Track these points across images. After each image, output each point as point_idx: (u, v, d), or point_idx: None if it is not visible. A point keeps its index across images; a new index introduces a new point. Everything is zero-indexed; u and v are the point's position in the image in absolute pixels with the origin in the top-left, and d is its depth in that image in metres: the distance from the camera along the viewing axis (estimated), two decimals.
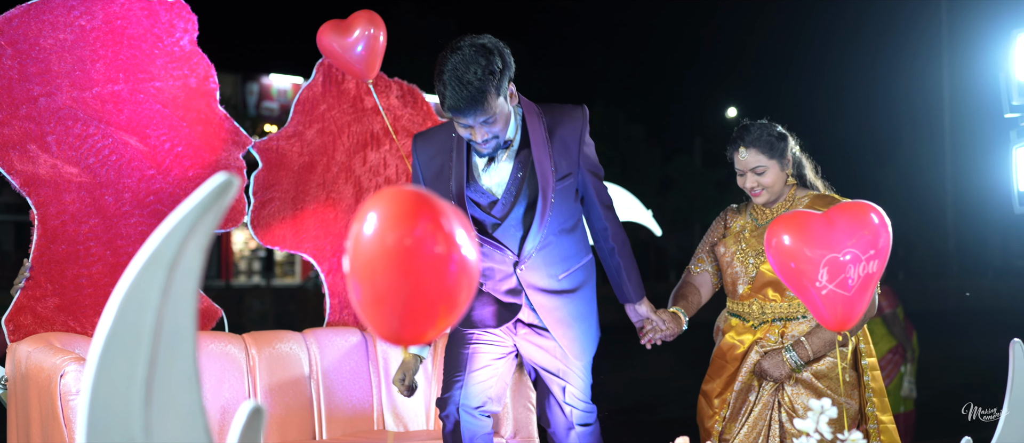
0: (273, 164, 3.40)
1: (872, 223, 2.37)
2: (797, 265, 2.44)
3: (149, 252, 1.06)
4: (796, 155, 3.20)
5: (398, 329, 1.61)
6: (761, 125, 3.14)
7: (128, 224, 3.10)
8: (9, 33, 2.94)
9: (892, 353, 6.18)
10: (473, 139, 2.69)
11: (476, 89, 2.62)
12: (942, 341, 13.32)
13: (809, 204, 3.12)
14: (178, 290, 1.08)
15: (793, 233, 2.44)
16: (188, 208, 1.06)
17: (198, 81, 3.25)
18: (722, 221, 3.32)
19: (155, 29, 3.17)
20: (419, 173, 2.88)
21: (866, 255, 2.32)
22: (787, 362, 2.97)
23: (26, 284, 2.95)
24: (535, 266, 2.85)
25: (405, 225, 1.43)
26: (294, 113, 3.49)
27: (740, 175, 3.13)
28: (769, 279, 3.06)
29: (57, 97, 3.00)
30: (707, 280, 3.26)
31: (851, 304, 2.37)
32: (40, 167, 2.97)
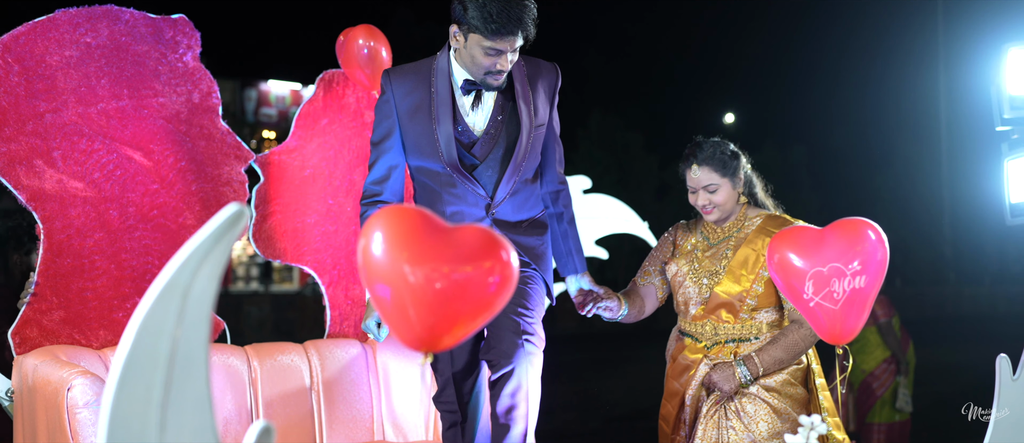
0: (274, 178, 3.45)
1: (865, 240, 2.41)
2: (788, 278, 2.53)
3: (165, 281, 1.11)
4: (748, 173, 3.21)
5: (423, 342, 1.73)
6: (714, 143, 3.15)
7: (132, 238, 3.15)
8: (16, 50, 2.99)
9: (887, 363, 6.21)
10: (497, 68, 2.76)
11: (530, 6, 2.76)
12: (939, 348, 13.37)
13: (761, 224, 3.13)
14: (192, 317, 1.13)
15: (786, 246, 2.52)
16: (201, 238, 1.11)
17: (201, 97, 3.30)
18: (671, 238, 3.31)
19: (159, 46, 3.22)
20: (393, 107, 2.88)
21: (851, 270, 2.36)
22: (737, 376, 2.99)
23: (32, 297, 2.99)
24: (505, 211, 2.91)
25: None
26: (295, 127, 3.55)
27: (692, 192, 3.14)
28: (723, 300, 3.07)
29: (63, 113, 3.05)
30: (652, 292, 3.26)
31: (839, 318, 2.42)
32: (46, 182, 3.02)
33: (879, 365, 6.24)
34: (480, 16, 2.69)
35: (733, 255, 3.09)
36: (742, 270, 3.07)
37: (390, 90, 2.88)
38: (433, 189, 2.91)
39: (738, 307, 3.05)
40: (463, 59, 2.83)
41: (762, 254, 3.05)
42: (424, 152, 2.87)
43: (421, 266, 1.73)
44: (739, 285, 3.06)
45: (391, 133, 2.90)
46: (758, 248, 3.08)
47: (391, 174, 2.93)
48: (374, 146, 2.94)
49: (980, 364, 4.43)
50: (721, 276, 3.08)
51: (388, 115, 2.89)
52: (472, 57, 2.78)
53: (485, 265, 1.79)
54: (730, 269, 3.08)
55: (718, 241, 3.15)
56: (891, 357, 6.21)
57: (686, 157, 3.17)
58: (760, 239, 3.10)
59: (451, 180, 2.87)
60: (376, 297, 1.80)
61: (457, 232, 1.82)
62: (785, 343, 3.01)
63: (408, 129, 2.89)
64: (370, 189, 2.94)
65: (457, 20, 2.79)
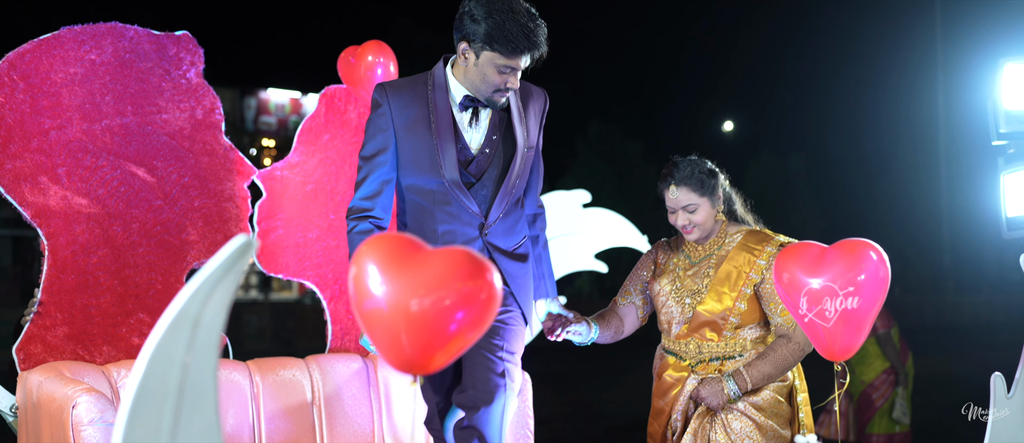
0: (277, 193, 3.48)
1: (863, 261, 2.43)
2: (787, 291, 2.57)
3: (175, 311, 1.13)
4: (726, 191, 3.19)
5: (412, 364, 1.75)
6: (691, 161, 3.12)
7: (136, 254, 3.17)
8: (22, 68, 3.02)
9: (886, 374, 6.23)
10: (507, 86, 2.77)
11: (543, 25, 2.78)
12: (939, 357, 13.39)
13: (742, 240, 3.11)
14: (202, 346, 1.15)
15: (789, 261, 2.56)
16: (211, 269, 1.14)
17: (204, 113, 3.33)
18: (652, 257, 3.30)
19: (163, 62, 3.25)
20: (389, 120, 2.83)
21: (844, 290, 2.39)
22: (726, 391, 2.98)
23: (36, 314, 3.02)
24: (497, 232, 2.89)
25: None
26: (297, 143, 3.58)
27: (671, 213, 3.12)
28: (706, 319, 3.05)
29: (68, 130, 3.08)
30: (632, 312, 3.25)
31: (831, 335, 2.45)
32: (51, 199, 3.04)
33: (878, 376, 6.26)
34: (500, 33, 2.69)
35: (715, 273, 3.08)
36: (724, 288, 3.05)
37: (386, 103, 2.83)
38: (425, 207, 2.86)
39: (721, 325, 3.04)
40: (469, 76, 2.81)
41: (744, 271, 3.04)
42: (421, 168, 2.83)
43: (405, 290, 1.76)
44: (721, 303, 3.04)
45: (386, 148, 2.84)
46: (739, 265, 3.06)
47: (383, 190, 2.87)
48: (365, 160, 2.87)
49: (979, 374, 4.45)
50: (703, 295, 3.06)
51: (383, 129, 2.84)
52: (483, 74, 2.77)
53: (469, 286, 1.81)
54: (712, 287, 3.06)
55: (699, 259, 3.14)
56: (890, 368, 6.23)
57: (664, 177, 3.15)
58: (741, 255, 3.08)
59: (446, 198, 2.83)
60: (365, 322, 1.82)
61: (440, 255, 1.83)
62: (773, 358, 3.00)
63: (405, 144, 2.84)
64: (360, 204, 2.87)
65: (467, 37, 2.76)
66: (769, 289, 3.02)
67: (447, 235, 2.84)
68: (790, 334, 3.00)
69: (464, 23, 2.76)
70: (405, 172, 2.86)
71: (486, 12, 2.71)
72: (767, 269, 3.03)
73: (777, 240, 3.09)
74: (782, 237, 3.11)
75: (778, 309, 3.02)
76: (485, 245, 2.87)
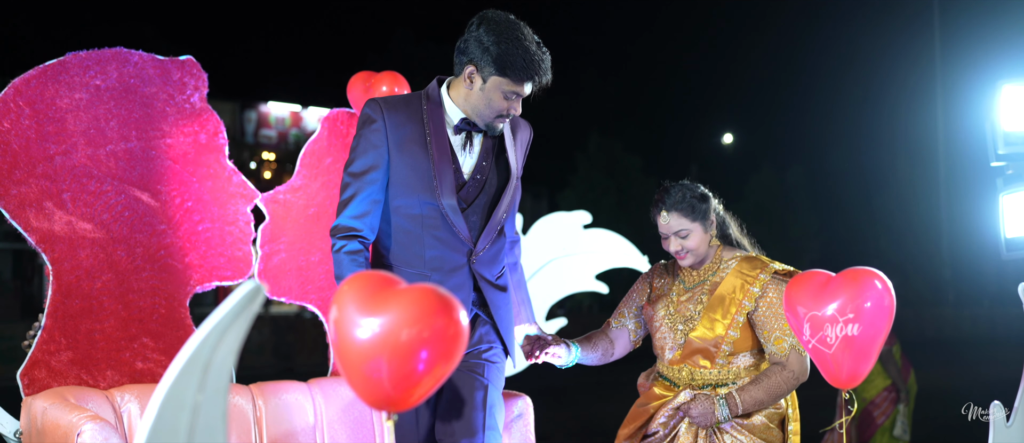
0: (279, 217, 3.50)
1: (867, 289, 2.46)
2: (793, 317, 2.61)
3: (186, 356, 1.15)
4: (720, 214, 3.18)
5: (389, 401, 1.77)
6: (682, 186, 3.11)
7: (140, 279, 3.19)
8: (27, 94, 3.04)
9: (887, 391, 6.24)
10: (509, 111, 2.77)
11: (548, 55, 2.79)
12: (939, 371, 13.38)
13: (737, 266, 3.09)
14: (211, 388, 1.17)
15: (796, 287, 2.60)
16: (221, 315, 1.16)
17: (208, 137, 3.35)
18: (648, 281, 3.29)
19: (167, 87, 3.28)
20: (384, 137, 2.75)
21: (844, 317, 2.41)
22: (716, 413, 2.97)
23: (40, 338, 3.03)
24: (484, 260, 2.86)
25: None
26: (300, 166, 3.60)
27: (664, 239, 3.11)
28: (698, 346, 3.04)
29: (73, 155, 3.10)
30: (624, 336, 3.24)
31: (836, 362, 2.47)
32: (56, 224, 3.06)
33: (879, 393, 6.27)
34: (511, 60, 2.69)
35: (707, 299, 3.06)
36: (717, 314, 3.03)
37: (382, 119, 2.76)
38: (412, 232, 2.79)
39: (714, 353, 3.03)
40: (471, 99, 2.78)
41: (736, 297, 3.02)
42: (414, 189, 2.76)
43: (376, 331, 1.77)
44: (714, 330, 3.02)
45: (378, 165, 2.77)
46: (732, 291, 3.04)
47: (372, 210, 2.78)
48: (355, 177, 2.78)
49: (980, 389, 4.46)
50: (696, 322, 3.04)
51: (377, 145, 2.76)
52: (489, 99, 2.75)
53: (438, 323, 1.81)
54: (704, 314, 3.04)
55: (693, 285, 3.11)
56: (891, 385, 6.24)
57: (655, 203, 3.13)
58: (734, 281, 3.06)
59: (437, 223, 2.78)
60: (338, 359, 1.83)
61: (409, 292, 1.83)
62: (767, 385, 2.99)
63: (399, 163, 2.77)
64: (349, 224, 2.77)
65: (474, 60, 2.74)
66: (762, 316, 3.01)
67: (435, 261, 2.79)
68: (784, 362, 2.99)
69: (472, 47, 2.75)
70: (395, 193, 2.79)
71: (496, 38, 2.71)
72: (760, 297, 3.01)
73: (771, 267, 3.08)
74: (776, 264, 3.10)
75: (772, 336, 3.00)
76: (471, 273, 2.83)
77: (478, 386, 2.79)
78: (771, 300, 3.01)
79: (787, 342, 2.98)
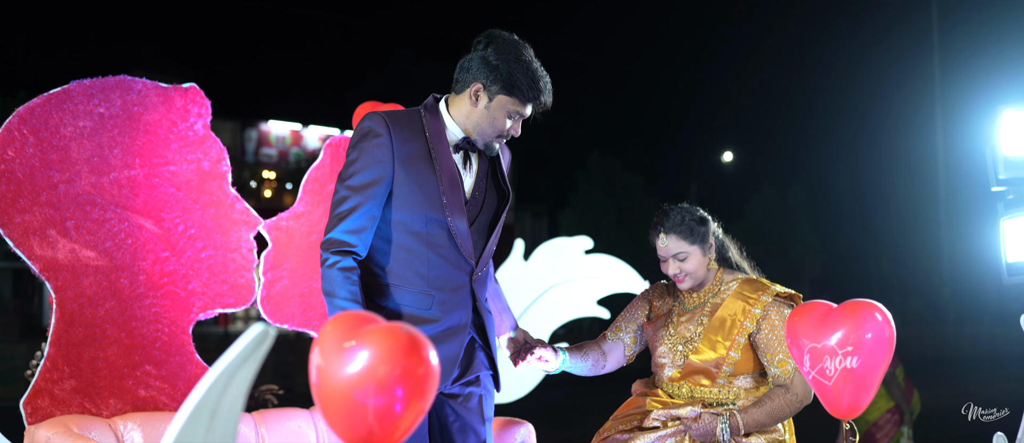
0: (282, 243, 3.50)
1: (866, 321, 2.46)
2: (794, 349, 2.61)
3: (194, 403, 1.16)
4: (719, 238, 3.19)
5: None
6: (681, 209, 3.12)
7: (143, 306, 3.19)
8: (32, 122, 3.05)
9: (891, 413, 6.24)
10: (510, 132, 2.78)
11: (549, 78, 2.79)
12: (941, 391, 13.33)
13: (738, 289, 3.10)
14: (220, 432, 1.18)
15: (797, 318, 2.60)
16: (228, 359, 1.16)
17: (211, 164, 3.36)
18: (647, 300, 3.29)
19: (170, 114, 3.29)
20: (390, 151, 2.67)
21: (843, 349, 2.42)
22: (718, 433, 2.96)
23: (43, 367, 3.03)
24: (480, 281, 2.85)
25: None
26: (303, 192, 3.60)
27: (663, 261, 3.12)
28: (699, 367, 3.04)
29: (76, 183, 3.11)
30: (619, 349, 3.23)
31: (836, 394, 2.48)
32: (59, 252, 3.06)
33: (883, 415, 6.27)
34: (519, 80, 2.70)
35: (709, 321, 3.06)
36: (718, 336, 3.04)
37: (387, 133, 2.68)
38: (415, 250, 2.72)
39: (715, 373, 3.04)
40: (474, 118, 2.76)
41: (739, 319, 3.03)
42: (420, 205, 2.70)
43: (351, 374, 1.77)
44: (715, 352, 3.03)
45: (383, 179, 2.67)
46: (734, 313, 3.05)
47: (369, 226, 2.68)
48: (354, 190, 2.67)
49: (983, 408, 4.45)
50: (697, 343, 3.05)
51: (382, 160, 2.67)
52: (493, 118, 2.74)
53: (409, 363, 1.80)
54: (705, 336, 3.05)
55: (694, 306, 3.12)
56: (895, 407, 6.24)
57: (654, 226, 3.14)
58: (736, 304, 3.07)
59: (442, 240, 2.72)
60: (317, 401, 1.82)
61: (379, 333, 1.81)
62: (770, 407, 2.99)
63: (404, 179, 2.70)
64: (344, 238, 2.66)
65: (481, 79, 2.73)
66: (765, 338, 3.02)
67: (439, 280, 2.73)
68: (788, 384, 3.00)
69: (479, 65, 2.73)
70: (397, 209, 2.71)
71: (505, 58, 2.72)
72: (762, 318, 3.03)
73: (773, 289, 3.09)
74: (777, 286, 3.11)
75: (775, 359, 3.02)
76: (471, 292, 2.81)
77: (473, 423, 2.78)
78: (773, 322, 3.02)
79: (791, 365, 2.99)
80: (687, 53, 36.61)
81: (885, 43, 31.60)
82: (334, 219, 2.68)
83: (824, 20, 37.48)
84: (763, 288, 3.08)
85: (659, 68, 35.22)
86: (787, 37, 35.51)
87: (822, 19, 38.08)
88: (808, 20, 37.40)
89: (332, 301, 2.64)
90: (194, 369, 3.26)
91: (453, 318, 2.74)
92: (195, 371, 3.26)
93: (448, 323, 2.73)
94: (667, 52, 35.92)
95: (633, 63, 36.18)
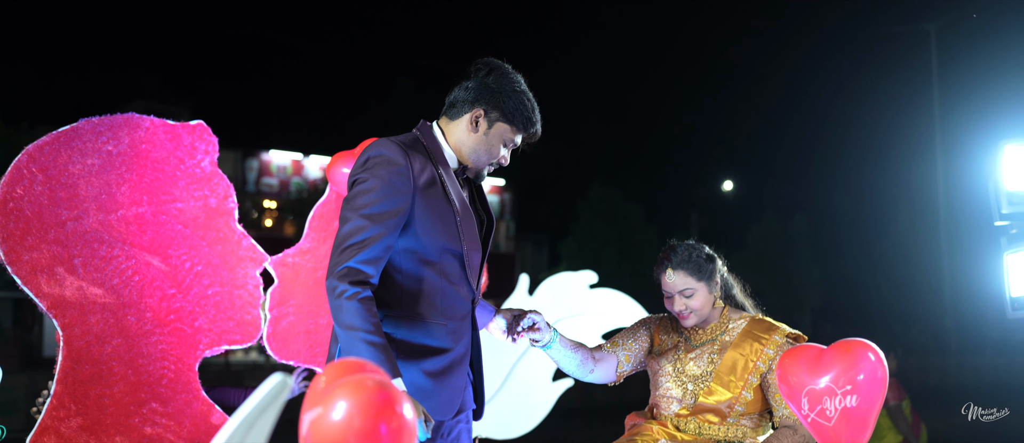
0: (288, 280, 3.51)
1: (861, 361, 2.49)
2: (790, 393, 2.61)
3: None
4: (724, 276, 3.16)
5: None
6: (689, 246, 3.10)
7: (149, 343, 3.19)
8: (41, 160, 3.07)
9: None
10: (499, 161, 2.77)
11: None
12: (943, 421, 13.27)
13: (747, 327, 3.07)
14: None
15: (790, 362, 2.61)
16: (247, 410, 1.17)
17: (218, 201, 3.37)
18: (650, 330, 3.24)
19: (178, 152, 3.30)
20: (411, 181, 2.58)
21: (842, 389, 2.43)
22: None
23: (50, 404, 3.03)
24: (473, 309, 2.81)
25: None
26: (308, 229, 3.62)
27: (667, 298, 3.08)
28: (710, 406, 3.01)
29: (84, 221, 3.12)
30: (611, 364, 3.17)
31: (835, 434, 2.48)
32: (67, 289, 3.07)
33: None
34: (519, 108, 2.72)
35: (720, 360, 3.03)
36: (730, 376, 3.01)
37: (407, 162, 2.59)
38: (427, 279, 2.64)
39: (726, 413, 3.01)
40: (470, 143, 2.73)
41: (751, 359, 3.01)
42: (438, 234, 2.62)
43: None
44: (729, 391, 3.00)
45: (401, 210, 2.56)
46: (746, 353, 3.02)
47: (384, 257, 2.56)
48: (373, 220, 2.53)
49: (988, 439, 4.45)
50: (709, 382, 3.02)
51: (402, 190, 2.56)
52: (490, 145, 2.73)
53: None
54: (717, 376, 3.02)
55: (701, 343, 3.09)
56: (904, 441, 6.22)
57: (660, 261, 3.11)
58: (747, 344, 3.04)
59: (454, 269, 2.67)
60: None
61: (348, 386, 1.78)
62: None
63: (424, 209, 2.61)
64: (362, 268, 2.50)
65: (483, 106, 2.72)
66: (775, 380, 3.01)
67: (450, 309, 2.66)
68: (795, 426, 2.98)
69: (480, 92, 2.72)
70: (414, 238, 2.61)
71: (505, 86, 2.73)
72: (774, 360, 3.00)
73: (783, 330, 3.07)
74: (785, 327, 3.10)
75: (783, 402, 3.00)
76: (472, 320, 2.76)
77: None
78: None
79: None
80: (688, 83, 36.79)
81: (886, 77, 31.86)
82: (350, 248, 2.51)
83: (825, 54, 37.74)
84: (773, 328, 3.07)
85: (660, 98, 35.37)
86: (788, 69, 35.75)
87: (824, 53, 38.36)
88: (810, 53, 37.68)
89: (354, 334, 2.44)
90: (200, 406, 3.26)
91: (460, 347, 2.69)
92: (201, 408, 3.26)
93: (456, 353, 2.68)
94: (668, 82, 36.08)
95: (634, 93, 36.33)
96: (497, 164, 2.80)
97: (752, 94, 36.87)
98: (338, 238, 2.56)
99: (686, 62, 39.26)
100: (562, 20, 38.88)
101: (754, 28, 40.40)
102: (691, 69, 39.00)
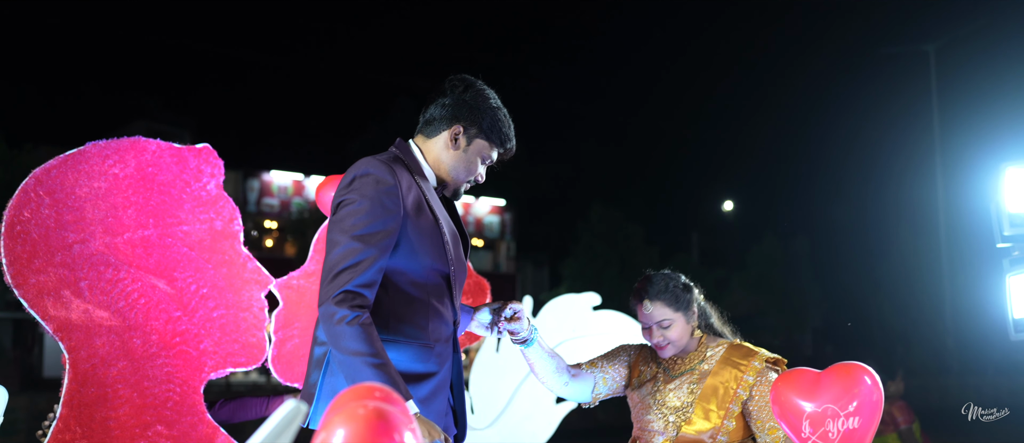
0: (293, 302, 3.52)
1: (860, 383, 2.51)
2: (788, 417, 2.62)
3: None
4: (701, 305, 3.12)
5: None
6: (665, 276, 3.06)
7: (155, 366, 3.20)
8: (48, 183, 3.09)
9: None
10: (475, 177, 2.76)
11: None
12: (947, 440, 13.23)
13: (725, 354, 3.03)
14: None
15: (786, 386, 2.62)
16: (262, 436, 1.18)
17: (223, 224, 3.38)
18: (630, 360, 3.19)
19: (184, 175, 3.32)
20: (400, 201, 2.53)
21: (845, 411, 2.45)
22: None
23: (55, 428, 3.03)
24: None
25: None
26: (313, 251, 3.63)
27: (645, 329, 3.04)
28: (692, 438, 2.96)
29: (90, 243, 3.14)
30: (587, 383, 3.11)
31: None
32: (73, 312, 3.08)
33: None
34: (497, 125, 2.72)
35: (699, 389, 2.99)
36: (711, 405, 2.97)
37: (396, 182, 2.54)
38: (417, 299, 2.59)
39: (709, 442, 2.97)
40: (449, 160, 2.71)
41: (731, 387, 2.96)
42: (426, 254, 2.58)
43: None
44: (710, 421, 2.95)
45: (394, 230, 2.52)
46: (726, 381, 2.98)
47: (378, 280, 2.50)
48: (365, 241, 2.47)
49: None
50: (690, 413, 2.97)
51: (393, 210, 2.51)
52: (468, 162, 2.72)
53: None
54: (698, 404, 2.97)
55: (679, 373, 3.04)
56: None
57: (637, 292, 3.06)
58: (726, 371, 2.99)
59: (440, 289, 2.63)
60: None
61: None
62: None
63: (413, 228, 2.57)
64: (360, 292, 2.44)
65: (462, 122, 2.70)
66: (757, 406, 2.96)
67: (436, 331, 2.61)
68: None
69: (459, 109, 2.71)
70: (402, 259, 2.56)
71: (480, 103, 2.72)
72: (755, 386, 2.97)
73: (762, 354, 3.03)
74: (765, 352, 3.06)
75: (765, 427, 2.96)
76: (454, 341, 2.72)
77: None
78: (763, 390, 2.96)
79: (781, 432, 2.93)
80: (689, 103, 36.89)
81: (886, 98, 31.96)
82: (344, 272, 2.45)
83: (826, 75, 37.93)
84: (752, 353, 3.02)
85: (661, 118, 35.45)
86: (789, 90, 35.89)
87: (824, 74, 38.55)
88: (810, 74, 37.85)
89: (359, 359, 2.38)
90: (205, 429, 3.26)
91: (444, 371, 2.64)
92: (206, 431, 3.26)
93: (441, 376, 2.62)
94: (669, 102, 36.18)
95: (635, 113, 36.43)
96: (474, 181, 2.79)
97: (753, 115, 36.99)
98: (329, 263, 2.49)
99: (687, 82, 39.42)
100: (563, 40, 39.04)
101: (755, 49, 40.59)
102: (692, 89, 39.15)
